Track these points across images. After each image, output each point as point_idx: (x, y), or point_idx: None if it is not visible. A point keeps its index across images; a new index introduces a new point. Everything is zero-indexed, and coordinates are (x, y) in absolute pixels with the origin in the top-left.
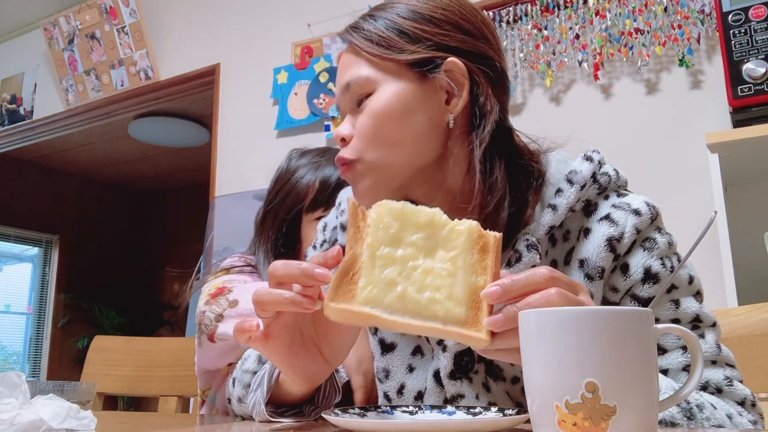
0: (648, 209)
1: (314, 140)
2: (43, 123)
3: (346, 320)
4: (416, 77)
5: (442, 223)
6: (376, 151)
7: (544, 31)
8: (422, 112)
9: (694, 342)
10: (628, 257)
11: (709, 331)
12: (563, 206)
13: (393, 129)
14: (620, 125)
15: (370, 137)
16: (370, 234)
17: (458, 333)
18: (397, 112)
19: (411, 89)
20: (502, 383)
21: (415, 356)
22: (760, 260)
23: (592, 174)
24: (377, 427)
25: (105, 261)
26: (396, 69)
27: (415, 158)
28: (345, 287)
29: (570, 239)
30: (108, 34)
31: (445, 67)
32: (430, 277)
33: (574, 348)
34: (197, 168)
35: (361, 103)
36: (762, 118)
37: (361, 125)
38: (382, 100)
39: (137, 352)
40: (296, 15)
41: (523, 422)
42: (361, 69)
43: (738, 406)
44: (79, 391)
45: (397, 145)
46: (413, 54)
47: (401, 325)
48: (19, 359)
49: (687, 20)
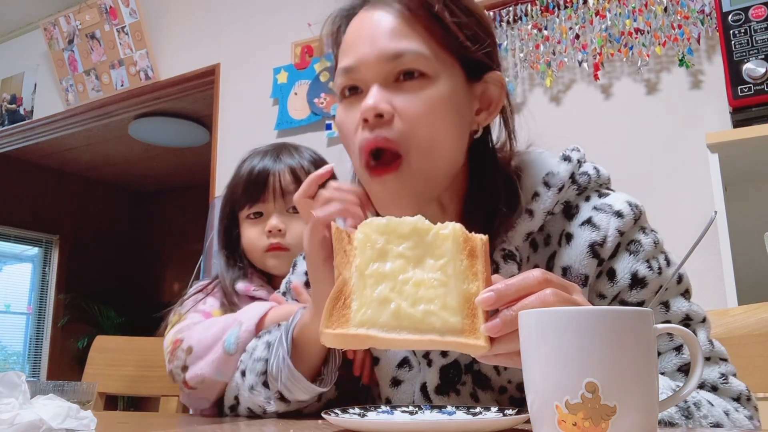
0: (630, 209)
1: (314, 140)
2: (43, 123)
3: (343, 345)
4: (465, 78)
5: (425, 228)
6: (422, 147)
7: (544, 31)
8: (463, 116)
9: (693, 342)
10: (613, 262)
11: (699, 327)
12: (540, 211)
13: (443, 126)
14: (620, 125)
15: (424, 127)
16: (357, 255)
17: (457, 342)
18: (450, 111)
19: (461, 89)
20: (490, 392)
21: (402, 368)
22: (760, 260)
23: (570, 175)
24: (377, 427)
25: (105, 261)
26: (452, 62)
27: (451, 164)
28: (338, 312)
29: (551, 243)
30: (108, 34)
31: (491, 78)
32: (423, 289)
33: (574, 348)
34: (197, 168)
35: (405, 81)
36: (762, 118)
37: (414, 110)
38: (443, 94)
39: (138, 352)
40: (296, 15)
41: (523, 422)
42: (419, 44)
43: (734, 402)
44: (79, 391)
45: (441, 146)
46: (472, 53)
47: (399, 342)
48: (19, 359)
49: (687, 20)
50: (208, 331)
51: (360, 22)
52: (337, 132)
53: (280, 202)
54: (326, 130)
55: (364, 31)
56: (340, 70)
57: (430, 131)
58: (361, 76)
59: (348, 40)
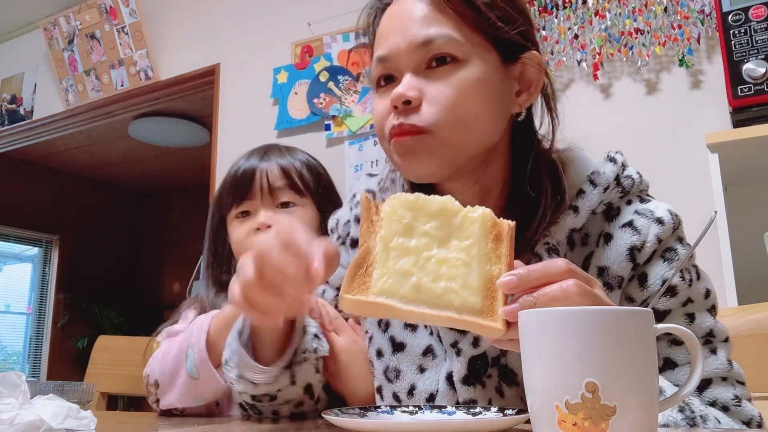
0: (671, 218)
1: (314, 140)
2: (43, 123)
3: (361, 311)
4: (499, 60)
5: (454, 210)
6: (453, 128)
7: (543, 32)
8: (500, 97)
9: (693, 341)
10: (647, 267)
11: (721, 346)
12: (585, 208)
13: (475, 108)
14: (620, 125)
15: (452, 110)
16: (383, 227)
17: (473, 322)
18: (484, 92)
19: (496, 71)
20: (515, 388)
21: (426, 357)
22: (760, 260)
23: (615, 176)
24: (377, 427)
25: (105, 261)
26: (484, 44)
27: (483, 141)
28: (359, 279)
29: (589, 243)
30: (108, 34)
31: (528, 59)
32: (445, 267)
33: (574, 348)
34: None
35: (437, 66)
36: (762, 118)
37: (443, 95)
38: (475, 76)
39: (140, 352)
40: (296, 14)
41: (523, 422)
42: (449, 29)
43: (743, 425)
44: (79, 391)
45: (473, 126)
46: (505, 34)
47: (417, 315)
48: (19, 359)
49: (687, 20)
50: (168, 357)
51: (393, 11)
52: (335, 133)
53: (268, 199)
54: (325, 131)
55: (395, 20)
56: (375, 60)
57: (459, 112)
58: (395, 65)
59: (382, 30)
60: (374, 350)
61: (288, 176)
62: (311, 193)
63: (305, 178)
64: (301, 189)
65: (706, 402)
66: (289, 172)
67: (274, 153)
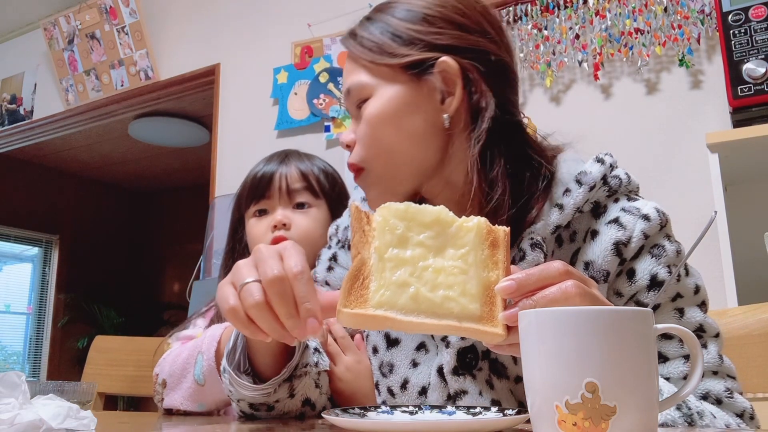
0: (658, 215)
1: (314, 140)
2: (43, 123)
3: (360, 325)
4: (410, 80)
5: (449, 220)
6: (378, 159)
7: (544, 31)
8: (417, 114)
9: (693, 342)
10: (634, 262)
11: (711, 341)
12: (570, 206)
13: (389, 133)
14: (620, 125)
15: (369, 143)
16: (376, 237)
17: (474, 329)
18: (392, 117)
19: (405, 92)
20: (505, 381)
21: (420, 352)
22: (760, 260)
23: (602, 176)
24: (377, 427)
25: (105, 261)
26: (390, 73)
27: (417, 161)
28: (356, 292)
29: (576, 240)
30: (108, 34)
31: (438, 67)
32: (442, 276)
33: (574, 348)
34: (197, 168)
35: (360, 109)
36: (762, 118)
37: (360, 132)
38: (377, 106)
39: (138, 352)
40: (296, 15)
41: (523, 422)
42: (359, 75)
43: (737, 417)
44: (79, 391)
45: (396, 150)
46: (405, 57)
47: (417, 326)
48: (19, 359)
49: (687, 20)
50: (178, 359)
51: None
52: (335, 135)
53: (285, 199)
54: (325, 132)
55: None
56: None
57: (376, 144)
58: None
59: None
60: (370, 347)
61: (306, 179)
62: (326, 196)
63: (322, 182)
64: (318, 192)
65: (698, 395)
66: (308, 176)
67: (293, 158)
